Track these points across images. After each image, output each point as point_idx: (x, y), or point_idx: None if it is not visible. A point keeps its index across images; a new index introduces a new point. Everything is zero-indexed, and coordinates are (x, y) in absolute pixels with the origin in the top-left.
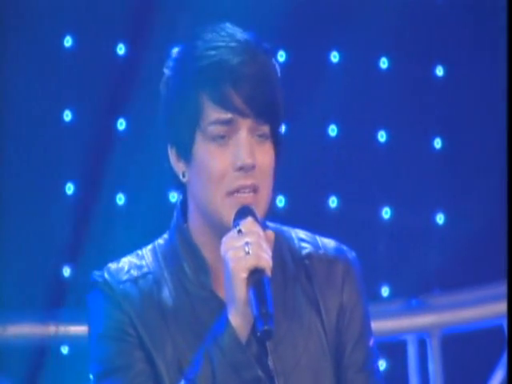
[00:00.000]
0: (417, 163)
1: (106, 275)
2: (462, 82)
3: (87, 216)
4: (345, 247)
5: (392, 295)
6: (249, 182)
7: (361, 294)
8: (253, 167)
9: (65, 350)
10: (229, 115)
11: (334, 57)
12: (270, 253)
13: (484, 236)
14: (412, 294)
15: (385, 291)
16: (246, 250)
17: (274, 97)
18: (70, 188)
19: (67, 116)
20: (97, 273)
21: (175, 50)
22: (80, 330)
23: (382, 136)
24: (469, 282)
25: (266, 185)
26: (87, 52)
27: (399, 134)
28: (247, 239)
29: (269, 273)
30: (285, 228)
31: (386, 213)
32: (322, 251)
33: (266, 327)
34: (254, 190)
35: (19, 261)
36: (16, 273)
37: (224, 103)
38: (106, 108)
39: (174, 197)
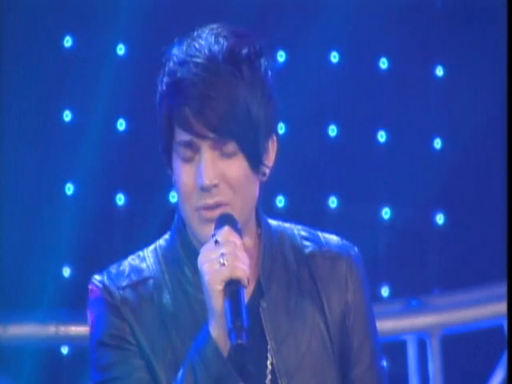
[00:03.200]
0: (417, 163)
1: (106, 280)
2: (461, 82)
3: (87, 216)
4: (347, 243)
5: (392, 295)
6: (212, 200)
7: (365, 291)
8: (215, 186)
9: (65, 350)
10: (187, 137)
11: (334, 57)
12: (247, 262)
13: (484, 236)
14: (412, 295)
15: (385, 291)
16: (221, 261)
17: (236, 112)
18: (69, 188)
19: (67, 116)
20: (97, 277)
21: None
22: (80, 330)
23: (381, 136)
24: (468, 283)
25: (238, 199)
26: (87, 52)
27: (399, 134)
28: (223, 250)
29: (245, 283)
30: (287, 225)
31: (386, 213)
32: (324, 248)
33: (238, 341)
34: (222, 205)
35: (19, 261)
36: (16, 273)
37: (183, 125)
38: (105, 108)
39: (173, 197)
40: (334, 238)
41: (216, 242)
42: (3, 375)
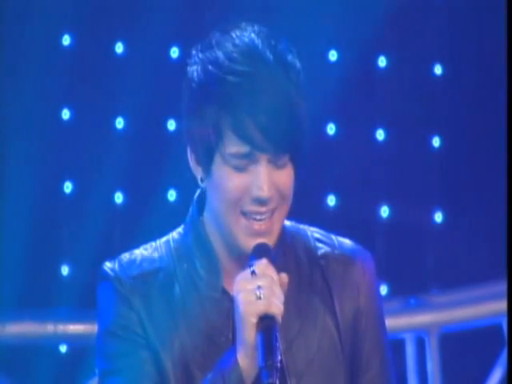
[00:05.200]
0: (415, 162)
1: (117, 268)
2: (460, 80)
3: (85, 215)
4: (361, 247)
5: (390, 294)
6: (264, 209)
7: (377, 296)
8: (270, 197)
9: (63, 348)
10: (247, 149)
11: (333, 55)
12: (282, 298)
13: (482, 234)
14: (410, 293)
15: (383, 290)
16: (257, 294)
17: (293, 124)
18: (68, 187)
19: (65, 114)
20: (108, 264)
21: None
22: (78, 328)
23: (380, 134)
24: (467, 281)
25: (283, 207)
26: (85, 51)
27: (398, 133)
28: (260, 283)
29: (279, 319)
30: (301, 226)
31: (385, 211)
32: (337, 251)
33: (270, 380)
34: (271, 213)
35: (18, 259)
36: (14, 271)
37: (243, 136)
38: (104, 107)
39: (172, 195)
40: (347, 242)
41: (253, 272)
42: (1, 374)
